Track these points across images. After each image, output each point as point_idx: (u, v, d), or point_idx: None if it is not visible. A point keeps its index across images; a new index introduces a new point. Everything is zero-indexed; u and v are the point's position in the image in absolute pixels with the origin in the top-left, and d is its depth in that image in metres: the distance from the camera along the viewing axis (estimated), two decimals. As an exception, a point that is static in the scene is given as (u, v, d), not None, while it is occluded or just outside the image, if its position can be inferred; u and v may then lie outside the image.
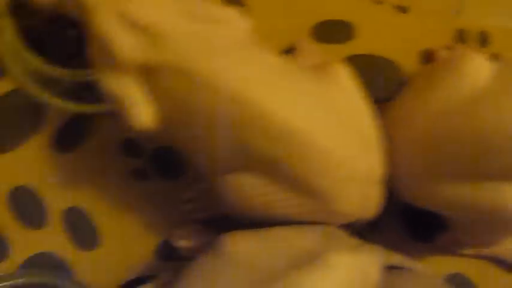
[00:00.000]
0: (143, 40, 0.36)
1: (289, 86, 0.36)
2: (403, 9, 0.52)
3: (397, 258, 0.38)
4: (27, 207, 0.47)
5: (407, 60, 0.51)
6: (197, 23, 0.36)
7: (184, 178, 0.47)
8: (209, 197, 0.45)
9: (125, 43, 0.36)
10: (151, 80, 0.36)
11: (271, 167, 0.35)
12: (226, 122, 0.35)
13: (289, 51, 0.49)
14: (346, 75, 0.37)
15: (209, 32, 0.36)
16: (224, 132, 0.35)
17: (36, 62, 0.46)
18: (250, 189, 0.36)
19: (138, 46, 0.36)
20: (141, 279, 0.44)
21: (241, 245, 0.35)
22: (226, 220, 0.42)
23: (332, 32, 0.51)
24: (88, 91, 0.48)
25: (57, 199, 0.47)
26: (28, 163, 0.47)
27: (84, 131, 0.48)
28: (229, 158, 0.36)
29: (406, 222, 0.47)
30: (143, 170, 0.48)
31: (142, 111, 0.36)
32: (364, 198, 0.38)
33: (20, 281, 0.44)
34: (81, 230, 0.47)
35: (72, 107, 0.48)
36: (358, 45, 0.51)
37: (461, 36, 0.52)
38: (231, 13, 0.38)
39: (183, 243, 0.45)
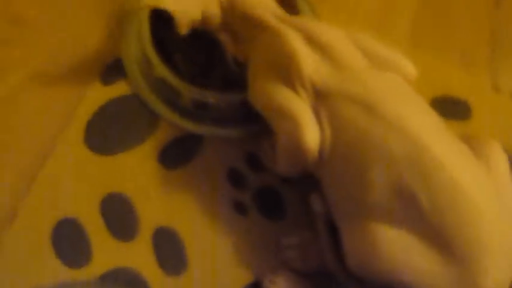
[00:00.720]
0: (328, 65, 0.36)
1: (452, 142, 0.36)
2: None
3: None
4: (119, 216, 0.44)
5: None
6: (374, 62, 0.37)
7: (286, 223, 0.46)
8: (312, 248, 0.43)
9: (311, 63, 0.36)
10: (326, 104, 0.36)
11: (425, 221, 0.34)
12: (398, 163, 0.34)
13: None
14: (500, 154, 0.37)
15: (387, 74, 0.37)
16: (391, 173, 0.34)
17: (163, 71, 0.46)
18: (393, 241, 0.34)
19: (323, 69, 0.36)
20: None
21: None
22: (323, 276, 0.40)
23: (450, 107, 0.52)
24: (206, 112, 0.47)
25: (152, 214, 0.45)
26: (130, 171, 0.46)
27: (192, 151, 0.47)
28: (381, 203, 0.35)
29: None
30: (244, 203, 0.46)
31: (313, 133, 0.36)
32: (506, 278, 0.36)
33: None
34: (169, 252, 0.44)
35: (187, 125, 0.47)
36: (473, 126, 0.51)
37: None
38: (402, 58, 0.38)
39: None
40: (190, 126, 0.47)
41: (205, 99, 0.46)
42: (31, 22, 0.51)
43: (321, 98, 0.37)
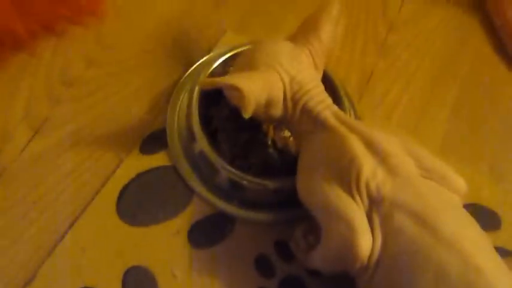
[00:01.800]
0: (384, 171, 0.36)
1: (500, 262, 0.35)
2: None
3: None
4: (141, 292, 0.43)
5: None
6: (425, 172, 0.37)
7: (311, 317, 0.44)
8: None
9: (369, 169, 0.36)
10: (379, 211, 0.36)
11: None
12: (452, 284, 0.33)
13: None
14: None
15: (438, 188, 0.37)
16: None
17: (206, 146, 0.46)
18: None
19: (379, 175, 0.36)
20: None
21: None
22: None
23: (480, 217, 0.51)
24: (240, 194, 0.47)
25: (174, 294, 0.43)
26: (157, 246, 0.45)
27: (222, 233, 0.46)
28: None
29: None
30: (269, 293, 0.45)
31: (368, 241, 0.35)
32: None
33: None
34: (188, 337, 0.42)
35: (220, 204, 0.47)
36: (503, 238, 0.51)
37: None
38: (453, 172, 0.39)
39: None
40: (223, 206, 0.47)
41: (242, 181, 0.46)
42: (83, 83, 0.52)
43: (374, 204, 0.37)
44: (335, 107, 0.42)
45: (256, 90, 0.39)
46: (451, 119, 0.58)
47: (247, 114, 0.39)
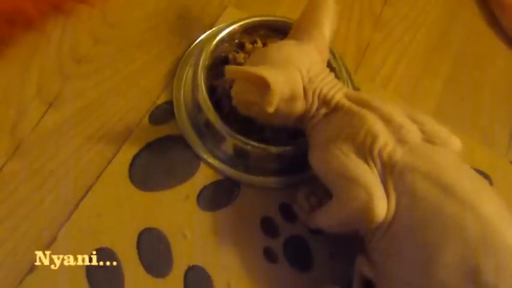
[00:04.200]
0: (394, 139, 0.40)
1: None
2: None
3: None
4: (154, 252, 0.46)
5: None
6: (426, 137, 0.41)
7: (313, 274, 0.47)
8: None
9: (382, 138, 0.40)
10: (392, 178, 0.39)
11: None
12: (473, 245, 0.35)
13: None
14: None
15: (444, 150, 0.40)
16: (466, 254, 0.35)
17: (212, 116, 0.48)
18: None
19: (390, 143, 0.40)
20: None
21: None
22: None
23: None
24: (245, 160, 0.50)
25: (185, 253, 0.46)
26: (168, 209, 0.48)
27: (228, 197, 0.49)
28: (449, 280, 0.36)
29: None
30: (274, 251, 0.47)
31: (384, 205, 0.38)
32: None
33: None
34: (200, 291, 0.45)
35: (226, 170, 0.50)
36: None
37: None
38: (450, 134, 0.42)
39: None
40: (229, 171, 0.50)
41: (246, 147, 0.48)
42: (91, 59, 0.55)
43: (388, 170, 0.39)
44: (346, 88, 0.45)
45: (281, 83, 0.41)
46: (445, 88, 0.61)
47: (271, 108, 0.40)
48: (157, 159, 0.50)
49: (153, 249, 0.46)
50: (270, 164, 0.50)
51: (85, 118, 0.51)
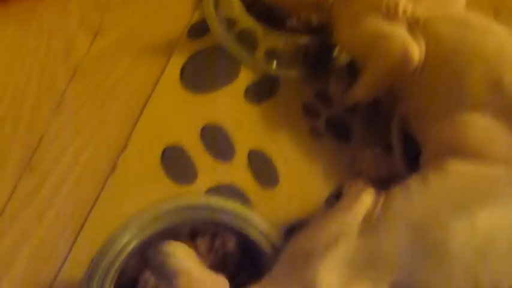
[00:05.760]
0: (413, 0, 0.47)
1: None
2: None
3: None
4: (217, 142, 0.52)
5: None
6: None
7: (355, 144, 0.54)
8: (383, 159, 0.51)
9: (406, 3, 0.47)
10: (419, 29, 0.46)
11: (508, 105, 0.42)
12: (493, 58, 0.43)
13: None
14: None
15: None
16: (488, 67, 0.43)
17: (248, 22, 0.55)
18: (482, 126, 0.42)
19: (410, 5, 0.47)
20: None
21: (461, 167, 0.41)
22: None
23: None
24: (278, 58, 0.56)
25: (245, 140, 0.52)
26: (222, 106, 0.54)
27: (271, 91, 0.55)
28: (476, 95, 0.43)
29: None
30: (318, 129, 0.54)
31: (417, 48, 0.45)
32: None
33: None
34: (263, 169, 0.51)
35: (264, 68, 0.56)
36: None
37: None
38: None
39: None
40: (267, 69, 0.56)
41: (278, 44, 0.55)
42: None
43: (413, 26, 0.46)
44: None
45: None
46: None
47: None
48: (203, 68, 0.55)
49: (216, 140, 0.52)
50: (301, 57, 0.56)
51: (130, 41, 0.56)
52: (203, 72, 0.55)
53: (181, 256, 0.35)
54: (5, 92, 0.52)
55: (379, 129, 0.54)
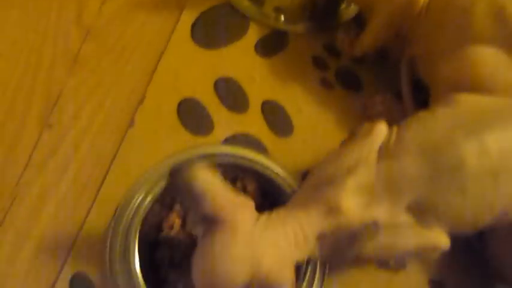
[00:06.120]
0: None
1: None
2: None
3: None
4: (231, 94, 0.53)
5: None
6: None
7: (365, 93, 0.55)
8: (394, 105, 0.53)
9: None
10: None
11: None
12: None
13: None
14: None
15: None
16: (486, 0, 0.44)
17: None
18: (489, 55, 0.44)
19: None
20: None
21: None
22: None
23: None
24: (284, 13, 0.57)
25: (258, 91, 0.54)
26: (233, 60, 0.55)
27: (280, 45, 0.57)
28: (482, 28, 0.44)
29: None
30: (329, 80, 0.56)
31: None
32: None
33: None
34: (277, 119, 0.53)
35: (273, 23, 0.57)
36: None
37: None
38: None
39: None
40: (275, 24, 0.57)
41: (283, 2, 0.56)
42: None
43: None
44: None
45: None
46: None
47: None
48: (213, 23, 0.56)
49: (229, 93, 0.53)
50: (308, 11, 0.58)
51: (139, 2, 0.57)
52: (213, 28, 0.56)
53: (207, 178, 0.36)
54: (21, 54, 0.53)
55: (388, 77, 0.55)
